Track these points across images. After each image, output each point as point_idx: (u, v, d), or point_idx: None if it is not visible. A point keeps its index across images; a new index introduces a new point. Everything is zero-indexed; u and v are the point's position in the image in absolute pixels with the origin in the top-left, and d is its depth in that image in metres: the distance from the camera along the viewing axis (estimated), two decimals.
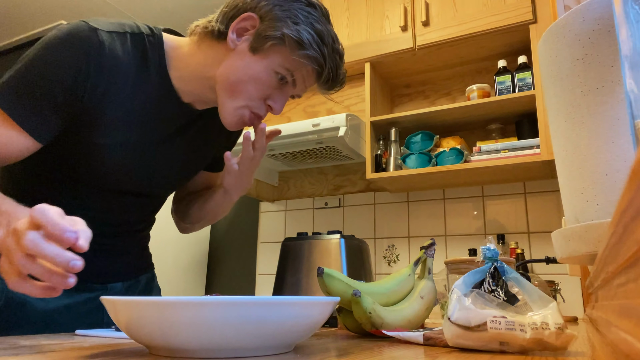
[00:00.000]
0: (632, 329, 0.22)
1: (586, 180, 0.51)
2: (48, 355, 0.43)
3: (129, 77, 0.77)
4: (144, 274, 1.03)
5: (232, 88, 0.79)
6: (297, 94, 0.84)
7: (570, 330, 0.48)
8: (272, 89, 0.80)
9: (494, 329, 0.47)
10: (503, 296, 0.53)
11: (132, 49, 0.78)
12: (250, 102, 0.80)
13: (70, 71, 0.71)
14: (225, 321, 0.40)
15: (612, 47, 0.49)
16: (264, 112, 0.82)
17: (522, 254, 1.76)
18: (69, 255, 0.48)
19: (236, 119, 0.81)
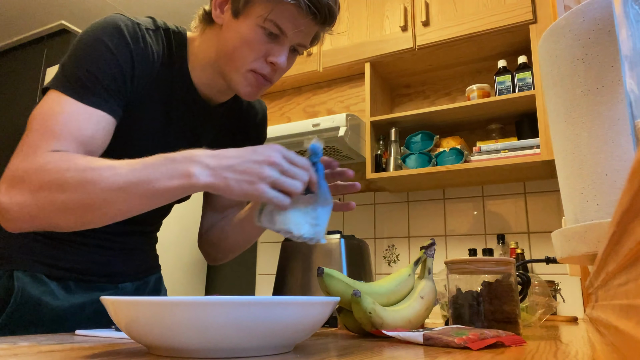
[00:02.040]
0: (632, 329, 0.22)
1: (586, 180, 0.51)
2: (48, 355, 0.43)
3: (158, 72, 0.80)
4: (153, 275, 1.04)
5: (230, 59, 0.79)
6: (299, 44, 0.81)
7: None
8: (267, 45, 0.78)
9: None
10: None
11: (162, 44, 0.82)
12: (252, 65, 0.79)
13: (123, 57, 0.75)
14: (225, 321, 0.40)
15: (612, 47, 0.49)
16: (269, 70, 0.80)
17: (522, 254, 1.76)
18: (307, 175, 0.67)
19: (246, 85, 0.80)
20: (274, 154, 0.65)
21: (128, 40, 0.76)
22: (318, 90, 2.21)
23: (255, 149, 0.66)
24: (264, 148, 0.66)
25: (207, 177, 0.62)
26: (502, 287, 0.73)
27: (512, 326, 0.71)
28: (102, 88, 0.72)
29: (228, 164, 0.63)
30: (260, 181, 0.62)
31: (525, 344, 0.60)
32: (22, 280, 0.82)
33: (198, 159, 0.64)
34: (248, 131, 1.01)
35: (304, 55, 2.13)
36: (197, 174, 0.62)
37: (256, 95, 0.83)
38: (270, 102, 2.31)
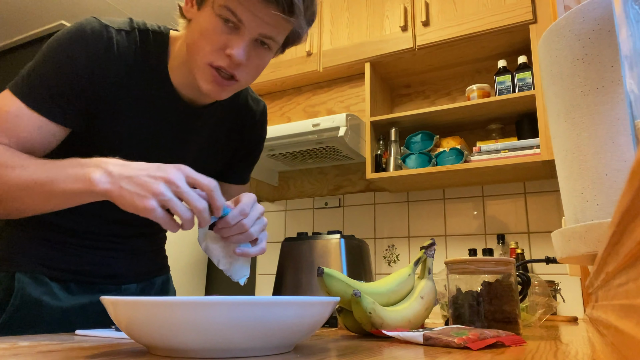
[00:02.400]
0: (632, 329, 0.22)
1: (586, 180, 0.51)
2: (48, 355, 0.43)
3: (133, 74, 0.79)
4: (159, 276, 1.03)
5: (190, 52, 0.76)
6: (263, 35, 0.74)
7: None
8: (225, 36, 0.73)
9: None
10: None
11: (138, 46, 0.79)
12: (208, 57, 0.74)
13: (80, 64, 0.74)
14: (225, 321, 0.40)
15: (612, 47, 0.49)
16: (226, 62, 0.74)
17: (522, 254, 1.76)
18: (203, 202, 0.64)
19: (205, 82, 0.76)
20: (175, 173, 0.63)
21: (91, 47, 0.74)
22: (318, 90, 2.21)
23: (161, 165, 0.65)
24: (169, 167, 0.65)
25: (105, 185, 0.63)
26: (502, 287, 0.73)
27: (512, 326, 0.71)
28: (50, 95, 0.72)
29: (128, 174, 0.63)
30: (151, 197, 0.61)
31: (525, 344, 0.60)
32: (22, 282, 0.82)
33: (104, 165, 0.65)
34: (243, 131, 0.99)
35: (304, 55, 2.13)
36: (97, 180, 0.63)
37: (220, 93, 0.77)
38: (270, 102, 2.31)
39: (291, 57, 2.17)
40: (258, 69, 0.79)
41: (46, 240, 0.86)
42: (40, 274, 0.84)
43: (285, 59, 2.18)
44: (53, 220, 0.86)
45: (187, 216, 0.63)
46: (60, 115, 0.74)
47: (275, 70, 2.19)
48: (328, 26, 2.12)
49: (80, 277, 0.89)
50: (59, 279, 0.86)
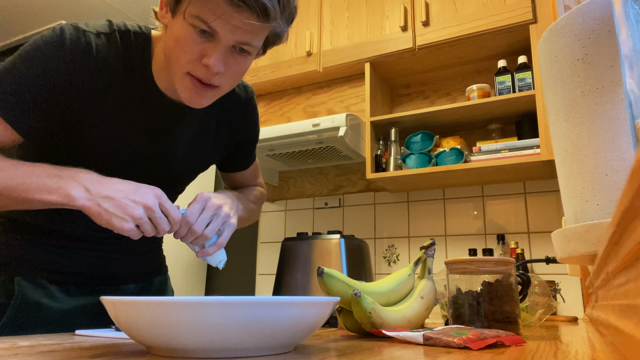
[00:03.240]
0: (632, 329, 0.22)
1: (586, 180, 0.51)
2: (48, 355, 0.43)
3: (116, 76, 0.78)
4: (157, 276, 1.04)
5: (169, 61, 0.75)
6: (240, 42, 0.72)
7: None
8: (200, 45, 0.71)
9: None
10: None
11: (120, 47, 0.78)
12: (186, 67, 0.73)
13: (54, 72, 0.73)
14: (225, 321, 0.40)
15: (612, 47, 0.49)
16: (204, 72, 0.73)
17: (522, 254, 1.76)
18: (168, 227, 0.73)
19: (184, 90, 0.75)
20: (152, 200, 0.71)
21: (68, 56, 0.73)
22: (318, 90, 2.21)
23: (138, 188, 0.71)
24: (147, 190, 0.71)
25: (84, 201, 0.68)
26: (502, 287, 0.73)
27: (512, 326, 0.71)
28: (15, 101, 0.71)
29: (108, 194, 0.69)
30: (130, 220, 0.69)
31: (525, 344, 0.60)
32: (22, 285, 0.83)
33: (81, 180, 0.69)
34: (234, 121, 0.97)
35: (304, 55, 2.13)
36: (76, 196, 0.68)
37: (199, 101, 0.77)
38: (270, 102, 2.31)
39: (291, 57, 2.17)
40: (239, 75, 0.77)
41: (44, 244, 0.86)
42: (39, 277, 0.85)
43: (285, 59, 2.18)
44: (50, 226, 0.86)
45: (151, 234, 0.72)
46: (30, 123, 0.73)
47: (275, 70, 2.19)
48: (328, 26, 2.12)
49: (79, 279, 0.89)
50: (57, 281, 0.87)
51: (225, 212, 0.81)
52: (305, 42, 2.13)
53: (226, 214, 0.81)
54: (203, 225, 0.78)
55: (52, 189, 0.68)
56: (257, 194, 1.08)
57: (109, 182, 0.71)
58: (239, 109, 0.97)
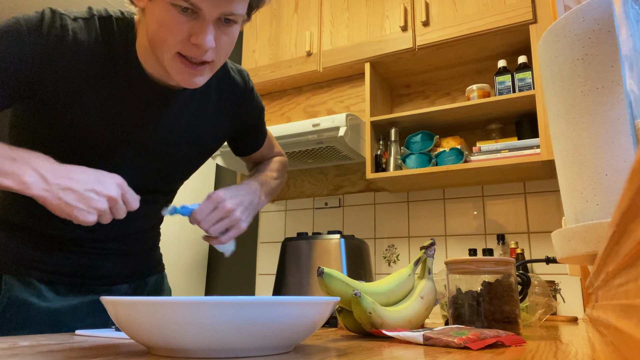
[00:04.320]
0: (632, 329, 0.22)
1: (586, 180, 0.51)
2: (48, 355, 0.43)
3: (96, 61, 0.75)
4: (152, 275, 1.02)
5: (155, 45, 0.72)
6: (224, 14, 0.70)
7: None
8: (186, 24, 0.69)
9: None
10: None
11: (98, 33, 0.75)
12: (175, 48, 0.71)
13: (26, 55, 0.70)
14: (225, 321, 0.40)
15: (612, 47, 0.49)
16: (194, 51, 0.71)
17: (522, 254, 1.76)
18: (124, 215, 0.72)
19: (177, 72, 0.73)
20: (116, 192, 0.69)
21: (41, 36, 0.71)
22: (318, 90, 2.21)
23: (99, 178, 0.69)
24: (108, 179, 0.70)
25: (41, 192, 0.65)
26: (502, 287, 0.73)
27: (512, 326, 0.71)
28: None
29: (68, 185, 0.66)
30: (93, 212, 0.67)
31: (525, 344, 0.60)
32: (10, 284, 0.82)
33: (36, 166, 0.66)
34: (234, 106, 0.94)
35: (304, 55, 2.13)
36: (31, 184, 0.64)
37: (194, 81, 0.75)
38: (270, 102, 2.31)
39: (291, 57, 2.17)
40: (230, 46, 0.76)
41: (32, 243, 0.85)
42: (27, 276, 0.83)
43: (285, 59, 2.18)
44: (36, 227, 0.84)
45: (107, 221, 0.71)
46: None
47: (275, 71, 2.19)
48: (328, 26, 2.12)
49: (69, 278, 0.87)
50: (47, 280, 0.85)
51: (237, 216, 0.84)
52: (305, 42, 2.13)
53: (236, 218, 0.84)
54: (209, 224, 0.81)
55: (6, 172, 0.64)
56: (278, 166, 1.08)
57: (67, 170, 0.68)
58: (238, 94, 0.95)
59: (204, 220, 0.82)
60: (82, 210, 0.66)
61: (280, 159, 1.11)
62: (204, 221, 0.81)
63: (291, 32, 2.21)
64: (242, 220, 0.86)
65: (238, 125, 0.98)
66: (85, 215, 0.67)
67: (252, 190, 0.92)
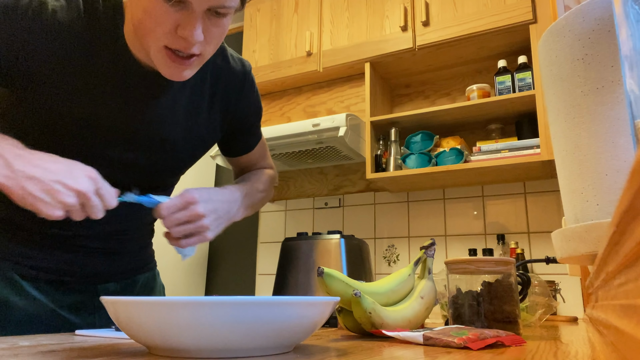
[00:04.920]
0: (632, 329, 0.22)
1: (586, 180, 0.51)
2: (48, 355, 0.43)
3: (79, 42, 0.70)
4: (143, 274, 0.97)
5: (141, 35, 0.67)
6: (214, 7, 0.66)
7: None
8: (174, 15, 0.64)
9: None
10: None
11: (81, 12, 0.71)
12: (162, 41, 0.66)
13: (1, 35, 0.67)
14: (225, 321, 0.40)
15: (612, 47, 0.49)
16: (182, 44, 0.66)
17: (522, 254, 1.76)
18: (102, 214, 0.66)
19: (163, 65, 0.68)
20: (87, 185, 0.62)
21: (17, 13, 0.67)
22: (318, 90, 2.21)
23: (70, 169, 0.63)
24: (80, 171, 0.63)
25: (2, 178, 0.59)
26: (502, 287, 0.73)
27: (512, 326, 0.71)
28: None
29: (34, 174, 0.60)
30: (58, 207, 0.60)
31: (525, 344, 0.60)
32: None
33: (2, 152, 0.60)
34: (229, 98, 0.88)
35: (304, 55, 2.13)
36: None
37: (181, 74, 0.70)
38: (270, 102, 2.31)
39: (291, 57, 2.17)
40: (221, 36, 0.71)
41: (14, 236, 0.80)
42: (9, 270, 0.78)
43: (285, 59, 2.18)
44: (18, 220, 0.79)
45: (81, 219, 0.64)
46: None
47: (275, 71, 2.19)
48: (328, 26, 2.12)
49: (53, 276, 0.82)
50: (29, 277, 0.80)
51: (205, 224, 0.76)
52: (305, 42, 2.13)
53: (204, 226, 0.76)
54: (173, 224, 0.73)
55: None
56: (266, 178, 0.99)
57: (35, 158, 0.62)
58: (235, 85, 0.88)
59: (168, 217, 0.73)
60: (46, 203, 0.60)
61: (270, 173, 1.03)
62: (167, 219, 0.73)
63: (291, 32, 2.21)
64: (209, 230, 0.77)
65: (232, 119, 0.91)
66: (50, 209, 0.60)
67: (233, 199, 0.84)
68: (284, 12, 2.26)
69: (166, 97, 0.78)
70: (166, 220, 0.73)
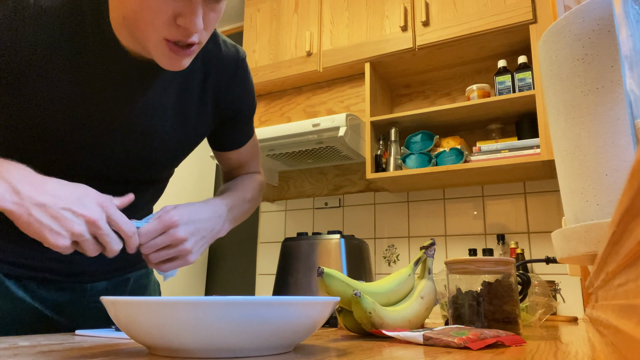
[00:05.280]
0: (632, 329, 0.22)
1: (586, 180, 0.51)
2: (48, 355, 0.43)
3: (63, 31, 0.67)
4: (135, 272, 0.93)
5: (136, 26, 0.64)
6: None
7: None
8: (171, 4, 0.61)
9: None
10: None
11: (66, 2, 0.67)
12: (161, 32, 0.63)
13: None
14: (225, 321, 0.40)
15: (612, 47, 0.49)
16: (182, 34, 0.63)
17: (522, 254, 1.76)
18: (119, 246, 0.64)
19: (161, 56, 0.65)
20: (98, 213, 0.59)
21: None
22: (318, 90, 2.21)
23: (81, 195, 0.60)
24: (93, 197, 0.61)
25: (10, 205, 0.56)
26: (502, 287, 0.73)
27: (512, 326, 0.71)
28: None
29: (42, 201, 0.57)
30: (65, 235, 0.58)
31: (525, 344, 0.60)
32: None
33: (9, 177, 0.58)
34: (220, 85, 0.84)
35: (304, 55, 2.13)
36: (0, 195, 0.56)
37: (180, 64, 0.67)
38: (270, 102, 2.31)
39: (291, 57, 2.17)
40: (216, 21, 0.68)
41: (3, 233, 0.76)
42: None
43: (285, 59, 2.18)
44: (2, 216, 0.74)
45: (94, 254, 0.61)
46: None
47: (275, 70, 2.19)
48: (328, 26, 2.12)
49: (39, 274, 0.79)
50: (14, 275, 0.77)
51: (187, 248, 0.71)
52: (305, 42, 2.13)
53: (186, 250, 0.71)
54: (152, 250, 0.69)
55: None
56: (254, 186, 0.95)
57: (44, 183, 0.59)
58: (228, 71, 0.84)
59: (147, 244, 0.68)
60: (53, 232, 0.57)
61: (260, 179, 0.98)
62: (146, 245, 0.68)
63: (291, 32, 2.21)
64: (192, 253, 0.72)
65: (224, 109, 0.87)
66: (57, 238, 0.57)
67: (216, 216, 0.79)
68: (284, 12, 2.26)
69: (155, 86, 0.75)
70: (145, 247, 0.69)
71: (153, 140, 0.78)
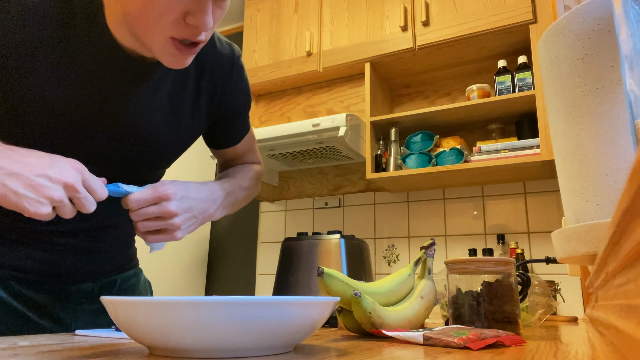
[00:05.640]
0: (632, 329, 0.22)
1: (586, 180, 0.51)
2: (48, 355, 0.43)
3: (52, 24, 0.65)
4: (123, 272, 0.92)
5: (140, 23, 0.62)
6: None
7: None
8: (181, 3, 0.60)
9: None
10: None
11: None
12: (168, 32, 0.61)
13: None
14: (225, 321, 0.40)
15: (612, 47, 0.49)
16: (190, 32, 0.62)
17: (522, 254, 1.76)
18: (94, 206, 0.62)
19: (166, 55, 0.64)
20: (74, 177, 0.58)
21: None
22: (318, 90, 2.21)
23: (54, 161, 0.58)
24: (64, 163, 0.59)
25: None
26: (502, 287, 0.73)
27: (512, 326, 0.71)
28: None
29: (14, 170, 0.55)
30: (45, 202, 0.56)
31: (525, 344, 0.60)
32: None
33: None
34: (215, 84, 0.83)
35: (304, 55, 2.13)
36: None
37: (184, 62, 0.66)
38: (270, 102, 2.31)
39: (291, 57, 2.17)
40: (220, 19, 0.67)
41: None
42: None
43: (285, 59, 2.18)
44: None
45: (71, 216, 0.60)
46: None
47: (275, 70, 2.19)
48: (328, 26, 2.12)
49: (23, 274, 0.77)
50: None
51: (175, 223, 0.70)
52: (305, 42, 2.13)
53: (174, 225, 0.70)
54: (140, 217, 0.68)
55: None
56: (252, 175, 0.94)
57: (14, 153, 0.57)
58: (223, 69, 0.83)
59: (137, 211, 0.68)
60: (32, 201, 0.55)
61: (258, 169, 0.97)
62: (135, 212, 0.68)
63: (291, 32, 2.21)
64: (180, 230, 0.71)
65: (219, 108, 0.86)
66: (37, 206, 0.55)
67: (212, 198, 0.78)
68: (284, 12, 2.26)
69: (148, 82, 0.73)
70: (134, 214, 0.68)
71: (145, 138, 0.77)
